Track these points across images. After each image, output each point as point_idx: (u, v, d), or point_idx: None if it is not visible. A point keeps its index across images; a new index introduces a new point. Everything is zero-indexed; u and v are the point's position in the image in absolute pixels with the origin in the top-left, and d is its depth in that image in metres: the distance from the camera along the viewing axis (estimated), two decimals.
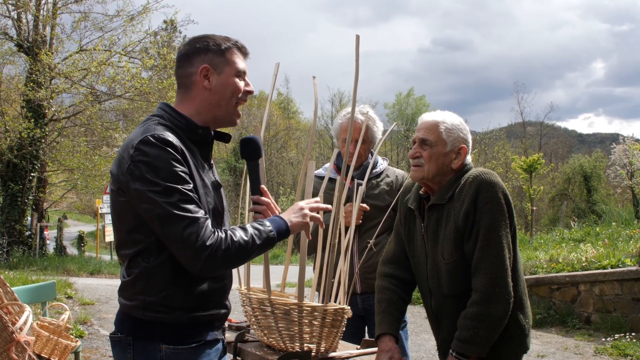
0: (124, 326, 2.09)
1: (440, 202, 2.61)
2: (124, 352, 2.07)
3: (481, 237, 2.48)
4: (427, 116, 2.71)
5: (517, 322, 2.61)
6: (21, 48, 18.80)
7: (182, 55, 2.20)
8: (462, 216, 2.51)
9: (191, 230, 1.90)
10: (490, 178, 2.53)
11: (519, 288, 2.62)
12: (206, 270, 1.95)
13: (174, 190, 1.92)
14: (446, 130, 2.62)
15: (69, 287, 11.26)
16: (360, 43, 2.48)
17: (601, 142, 76.07)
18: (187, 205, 1.93)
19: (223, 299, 2.22)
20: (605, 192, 37.34)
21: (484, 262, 2.47)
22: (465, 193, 2.53)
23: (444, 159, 2.63)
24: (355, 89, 2.64)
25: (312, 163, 2.77)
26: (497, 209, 2.49)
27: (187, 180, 1.97)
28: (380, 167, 3.81)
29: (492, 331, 2.47)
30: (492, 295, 2.45)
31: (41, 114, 18.47)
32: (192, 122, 2.15)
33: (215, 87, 2.16)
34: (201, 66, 2.14)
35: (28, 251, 18.72)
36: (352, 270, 3.54)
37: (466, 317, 2.49)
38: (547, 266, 9.22)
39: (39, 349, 4.17)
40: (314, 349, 2.72)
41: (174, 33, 28.92)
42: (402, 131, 46.96)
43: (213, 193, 2.14)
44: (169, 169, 1.94)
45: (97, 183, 20.51)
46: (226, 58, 2.17)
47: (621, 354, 6.81)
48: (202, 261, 1.92)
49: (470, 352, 2.46)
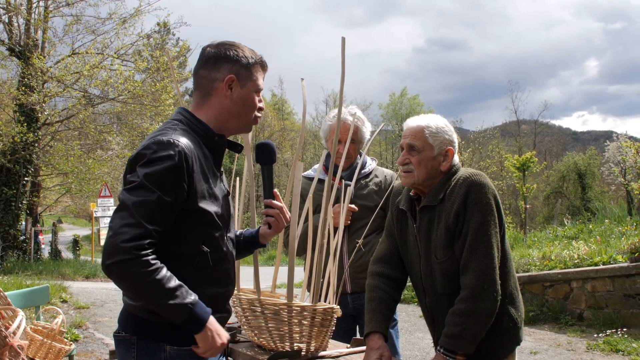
0: (128, 325, 2.10)
1: (431, 203, 2.66)
2: (128, 350, 2.09)
3: (470, 236, 2.53)
4: (412, 121, 2.74)
5: (509, 315, 2.66)
6: (13, 52, 18.75)
7: (210, 58, 2.19)
8: (453, 217, 2.57)
9: (128, 230, 1.88)
10: (480, 179, 2.59)
11: (509, 283, 2.68)
12: (110, 272, 1.90)
13: (148, 192, 1.93)
14: (431, 134, 2.66)
15: (64, 291, 11.23)
16: (353, 42, 2.51)
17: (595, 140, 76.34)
18: (147, 210, 1.92)
19: (225, 303, 2.26)
20: (600, 190, 37.49)
21: (473, 260, 2.52)
22: (456, 194, 2.58)
23: (432, 163, 2.67)
24: (342, 90, 2.68)
25: (300, 165, 2.80)
26: (486, 209, 2.54)
27: (172, 192, 1.96)
28: (369, 167, 3.84)
29: (479, 328, 2.51)
30: (481, 292, 2.49)
31: (34, 118, 18.42)
32: (209, 128, 2.17)
33: (237, 98, 2.18)
34: (228, 75, 2.15)
35: (23, 256, 18.66)
36: (342, 270, 3.57)
37: (454, 314, 2.53)
38: (539, 264, 9.26)
39: (32, 353, 4.18)
40: (304, 348, 2.75)
41: (167, 35, 28.92)
42: (397, 131, 47.03)
43: (222, 201, 2.17)
44: (161, 173, 1.95)
45: (91, 187, 20.49)
46: (251, 73, 2.20)
47: (613, 349, 6.85)
48: (114, 262, 1.87)
49: (457, 347, 2.49)
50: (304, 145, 44.98)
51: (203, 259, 2.08)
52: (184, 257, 2.06)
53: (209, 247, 2.09)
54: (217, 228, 2.12)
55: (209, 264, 2.10)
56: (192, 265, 2.07)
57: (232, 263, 2.27)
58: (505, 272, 2.65)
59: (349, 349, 2.93)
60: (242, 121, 2.24)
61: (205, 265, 2.09)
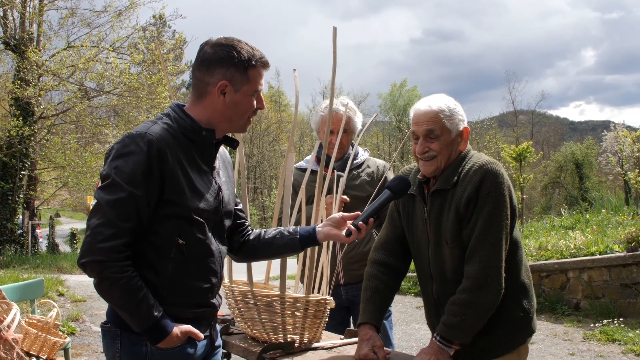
0: (114, 318, 2.12)
1: (444, 187, 2.58)
2: (113, 341, 2.13)
3: (480, 225, 2.47)
4: (422, 106, 2.64)
5: (520, 306, 2.61)
6: (8, 46, 18.71)
7: (204, 60, 2.14)
8: (464, 202, 2.50)
9: (103, 230, 1.93)
10: (495, 169, 2.51)
11: (520, 273, 2.62)
12: (85, 269, 1.96)
13: (119, 189, 1.95)
14: (447, 117, 2.59)
15: (61, 285, 11.25)
16: (349, 34, 2.54)
17: (593, 130, 76.43)
18: (120, 209, 1.95)
19: (210, 297, 2.23)
20: (597, 180, 37.52)
21: (480, 250, 2.46)
22: (469, 180, 2.51)
23: (452, 147, 2.61)
24: (333, 79, 2.66)
25: (292, 155, 2.78)
26: (499, 199, 2.47)
27: (143, 185, 1.97)
28: (361, 157, 3.82)
29: (478, 319, 2.47)
30: (484, 284, 2.44)
31: (30, 112, 18.40)
32: (197, 123, 2.14)
33: (229, 103, 2.14)
34: (220, 82, 2.11)
35: (20, 249, 18.69)
36: (335, 261, 3.56)
37: (455, 303, 2.48)
38: (536, 254, 9.27)
39: (27, 347, 4.17)
40: (297, 340, 2.74)
41: (163, 28, 28.84)
42: (394, 122, 47.03)
43: (208, 197, 2.15)
44: (130, 167, 1.96)
45: (88, 180, 20.43)
46: (247, 76, 2.14)
47: (609, 339, 6.87)
48: (88, 261, 1.93)
49: (454, 337, 2.45)
50: (301, 137, 44.98)
51: (179, 252, 2.07)
52: (160, 248, 2.06)
53: (185, 240, 2.08)
54: (193, 222, 2.09)
55: (187, 257, 2.09)
56: (169, 257, 2.06)
57: (219, 258, 2.24)
58: (516, 262, 2.60)
59: (343, 340, 2.92)
60: (234, 125, 2.22)
61: (181, 258, 2.08)
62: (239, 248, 2.48)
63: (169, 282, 2.07)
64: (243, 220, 2.51)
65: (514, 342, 2.65)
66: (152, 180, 1.98)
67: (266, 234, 2.49)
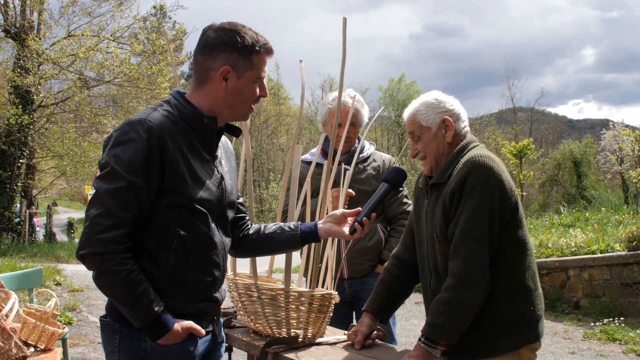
0: (113, 312, 2.08)
1: (440, 180, 2.55)
2: (112, 336, 2.09)
3: (463, 220, 2.39)
4: (406, 111, 2.68)
5: (514, 309, 2.48)
6: (8, 34, 18.64)
7: (207, 45, 2.08)
8: (449, 196, 2.45)
9: (102, 221, 1.88)
10: (485, 162, 2.42)
11: (518, 273, 2.50)
12: (84, 261, 1.92)
13: (119, 178, 1.90)
14: (422, 116, 2.58)
15: (58, 274, 11.19)
16: (348, 28, 2.47)
17: (591, 128, 76.40)
18: (120, 198, 1.89)
19: (212, 291, 2.18)
20: (596, 178, 37.51)
21: (463, 247, 2.39)
22: (457, 173, 2.46)
23: (437, 142, 2.59)
24: (342, 72, 2.61)
25: (299, 147, 2.74)
26: (484, 193, 2.38)
27: (143, 174, 1.91)
28: (367, 151, 3.78)
29: (463, 318, 2.39)
30: (468, 281, 2.36)
31: (29, 100, 18.35)
32: (198, 110, 2.09)
33: (232, 90, 2.09)
34: (222, 67, 2.05)
35: (17, 238, 18.65)
36: (340, 255, 3.52)
37: (439, 302, 2.41)
38: (536, 251, 9.24)
39: (25, 336, 4.14)
40: (301, 335, 2.70)
41: (164, 19, 28.72)
42: (393, 117, 47.00)
43: (210, 186, 2.09)
44: (130, 154, 1.91)
45: (86, 169, 20.38)
46: (251, 61, 2.08)
47: (610, 338, 6.85)
48: (87, 252, 1.88)
49: (439, 337, 2.38)
50: (300, 131, 44.93)
51: (181, 243, 2.02)
52: (161, 238, 2.00)
53: (186, 231, 2.02)
54: (195, 212, 2.04)
55: (188, 249, 2.04)
56: (170, 248, 2.01)
57: (222, 250, 2.19)
58: (521, 264, 2.51)
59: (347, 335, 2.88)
60: (236, 112, 2.16)
61: (183, 249, 2.03)
62: (238, 243, 2.43)
63: (170, 275, 2.02)
64: (243, 214, 2.46)
65: (501, 346, 2.48)
66: (152, 168, 1.93)
67: (266, 229, 2.45)
